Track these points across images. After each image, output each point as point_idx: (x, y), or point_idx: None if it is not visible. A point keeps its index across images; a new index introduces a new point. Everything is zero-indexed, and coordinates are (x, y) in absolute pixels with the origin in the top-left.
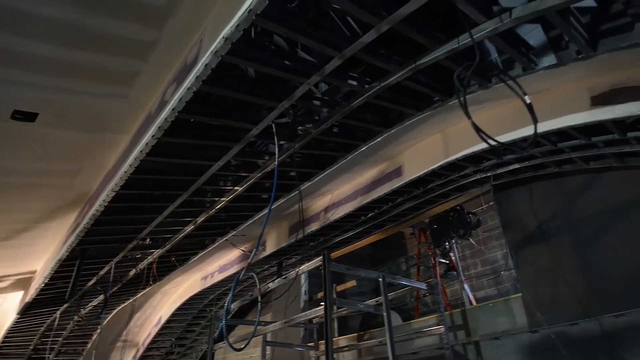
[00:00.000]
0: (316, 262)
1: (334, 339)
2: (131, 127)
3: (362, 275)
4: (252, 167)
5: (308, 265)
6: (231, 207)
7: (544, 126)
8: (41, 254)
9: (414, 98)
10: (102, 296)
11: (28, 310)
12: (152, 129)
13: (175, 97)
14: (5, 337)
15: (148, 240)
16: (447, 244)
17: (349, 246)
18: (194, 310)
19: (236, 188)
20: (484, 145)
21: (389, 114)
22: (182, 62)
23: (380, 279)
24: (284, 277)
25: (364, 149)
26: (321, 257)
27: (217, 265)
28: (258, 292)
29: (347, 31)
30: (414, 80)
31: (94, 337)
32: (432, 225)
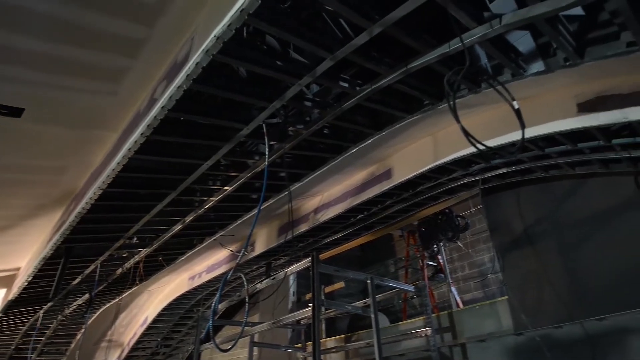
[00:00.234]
0: (305, 263)
1: (322, 340)
2: (119, 125)
3: (351, 277)
4: (242, 167)
5: (297, 266)
6: (220, 206)
7: (531, 131)
8: (25, 251)
9: (405, 101)
10: (87, 295)
11: (10, 308)
12: (141, 127)
13: (165, 95)
14: None
15: (135, 239)
16: (435, 246)
17: (338, 248)
18: (180, 311)
19: (225, 188)
20: (473, 149)
21: (379, 117)
22: (172, 60)
23: (369, 281)
24: (272, 277)
25: (354, 150)
26: (310, 258)
27: (205, 265)
28: (246, 292)
29: (340, 33)
30: (405, 83)
31: (77, 337)
32: (421, 228)
